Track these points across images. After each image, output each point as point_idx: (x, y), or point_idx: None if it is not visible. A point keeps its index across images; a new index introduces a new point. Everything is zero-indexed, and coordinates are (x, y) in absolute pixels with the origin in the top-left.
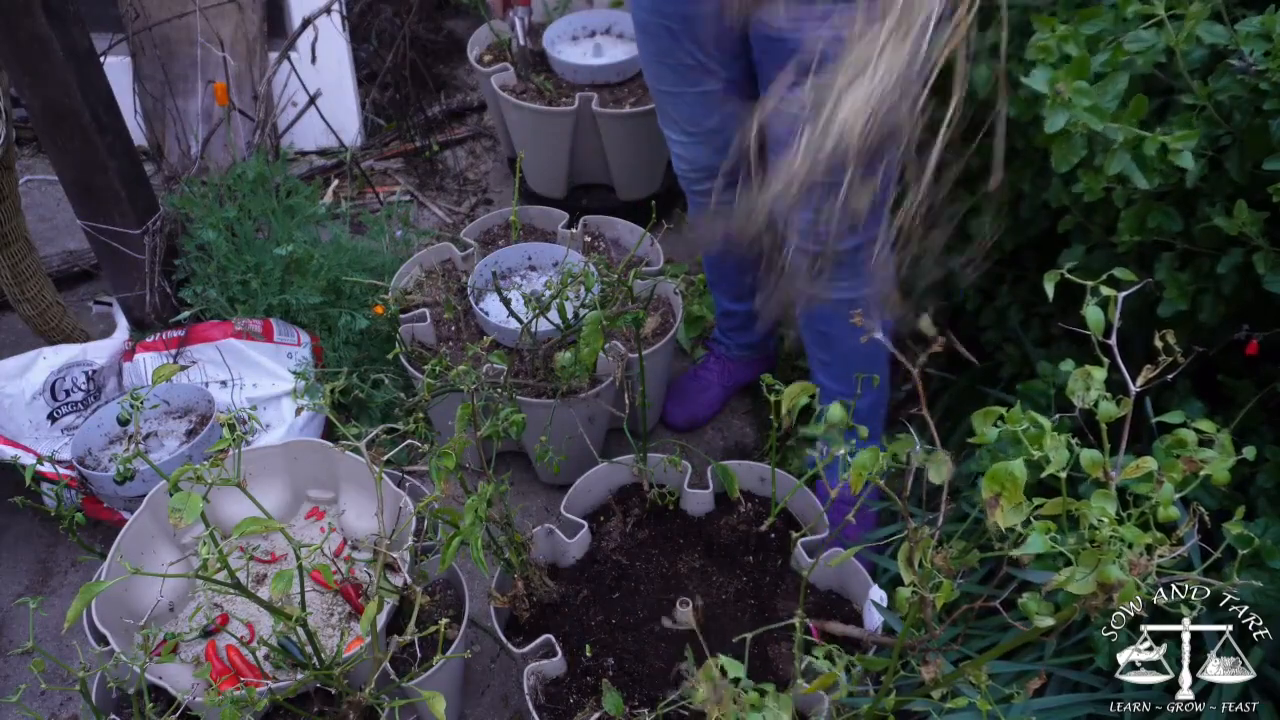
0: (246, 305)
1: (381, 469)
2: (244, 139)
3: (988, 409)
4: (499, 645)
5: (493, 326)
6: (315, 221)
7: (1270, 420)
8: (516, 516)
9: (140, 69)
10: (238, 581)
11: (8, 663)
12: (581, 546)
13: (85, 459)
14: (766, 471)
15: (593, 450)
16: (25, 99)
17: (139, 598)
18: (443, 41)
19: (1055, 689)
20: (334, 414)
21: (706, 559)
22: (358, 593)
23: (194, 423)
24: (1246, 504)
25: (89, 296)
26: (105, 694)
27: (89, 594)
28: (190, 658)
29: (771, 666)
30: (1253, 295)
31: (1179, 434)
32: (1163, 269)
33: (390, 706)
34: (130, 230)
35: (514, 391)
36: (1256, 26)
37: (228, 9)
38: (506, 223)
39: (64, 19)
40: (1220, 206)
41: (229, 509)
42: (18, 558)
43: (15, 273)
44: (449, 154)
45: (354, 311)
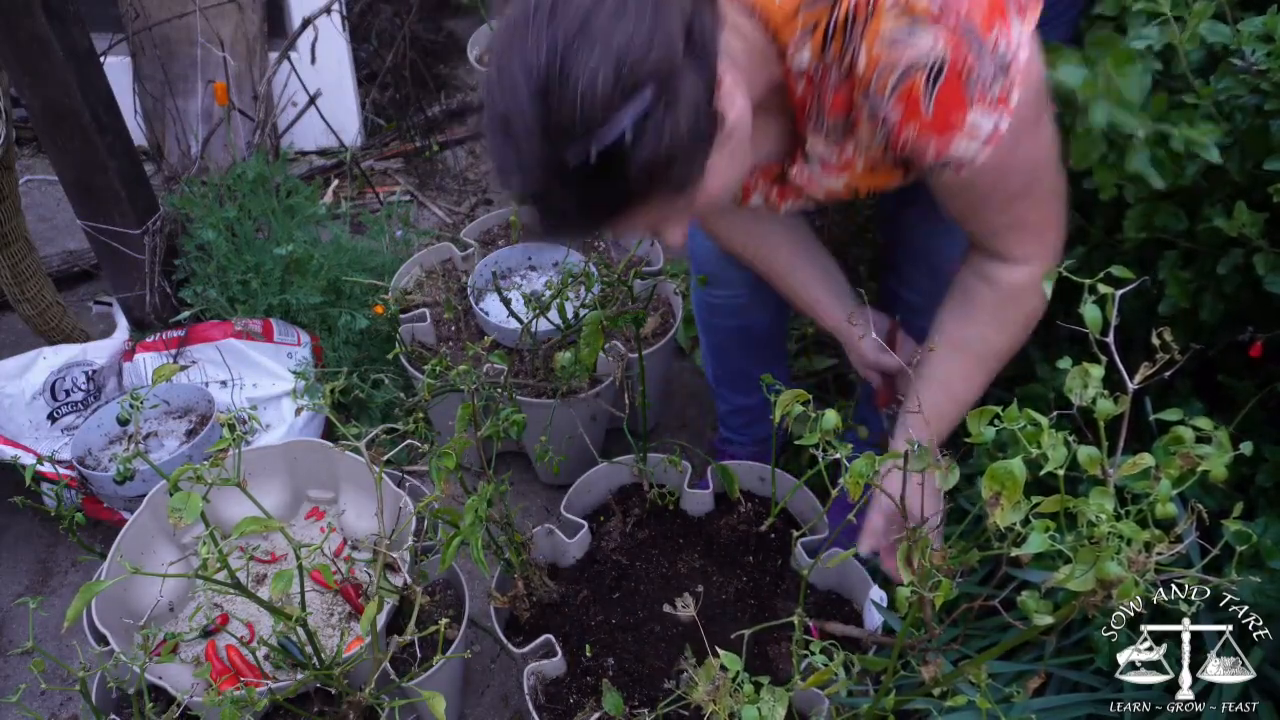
0: (246, 305)
1: (381, 469)
2: (244, 139)
3: (983, 409)
4: (499, 645)
5: (493, 326)
6: (315, 221)
7: (1270, 420)
8: (516, 516)
9: (140, 69)
10: (238, 581)
11: (8, 663)
12: (581, 546)
13: (85, 459)
14: (766, 471)
15: (593, 450)
16: (25, 99)
17: (139, 598)
18: (443, 41)
19: (1055, 689)
20: (334, 414)
21: (706, 559)
22: (358, 593)
23: (194, 423)
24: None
25: (89, 296)
26: (105, 694)
27: (89, 594)
28: (190, 658)
29: (771, 666)
30: (1253, 295)
31: (1176, 431)
32: (1165, 267)
33: (390, 706)
34: (130, 230)
35: (514, 391)
36: (1258, 27)
37: (228, 9)
38: (506, 223)
39: (64, 19)
40: (1220, 207)
41: (229, 509)
42: (18, 558)
43: (15, 273)
44: (449, 154)
45: (354, 311)
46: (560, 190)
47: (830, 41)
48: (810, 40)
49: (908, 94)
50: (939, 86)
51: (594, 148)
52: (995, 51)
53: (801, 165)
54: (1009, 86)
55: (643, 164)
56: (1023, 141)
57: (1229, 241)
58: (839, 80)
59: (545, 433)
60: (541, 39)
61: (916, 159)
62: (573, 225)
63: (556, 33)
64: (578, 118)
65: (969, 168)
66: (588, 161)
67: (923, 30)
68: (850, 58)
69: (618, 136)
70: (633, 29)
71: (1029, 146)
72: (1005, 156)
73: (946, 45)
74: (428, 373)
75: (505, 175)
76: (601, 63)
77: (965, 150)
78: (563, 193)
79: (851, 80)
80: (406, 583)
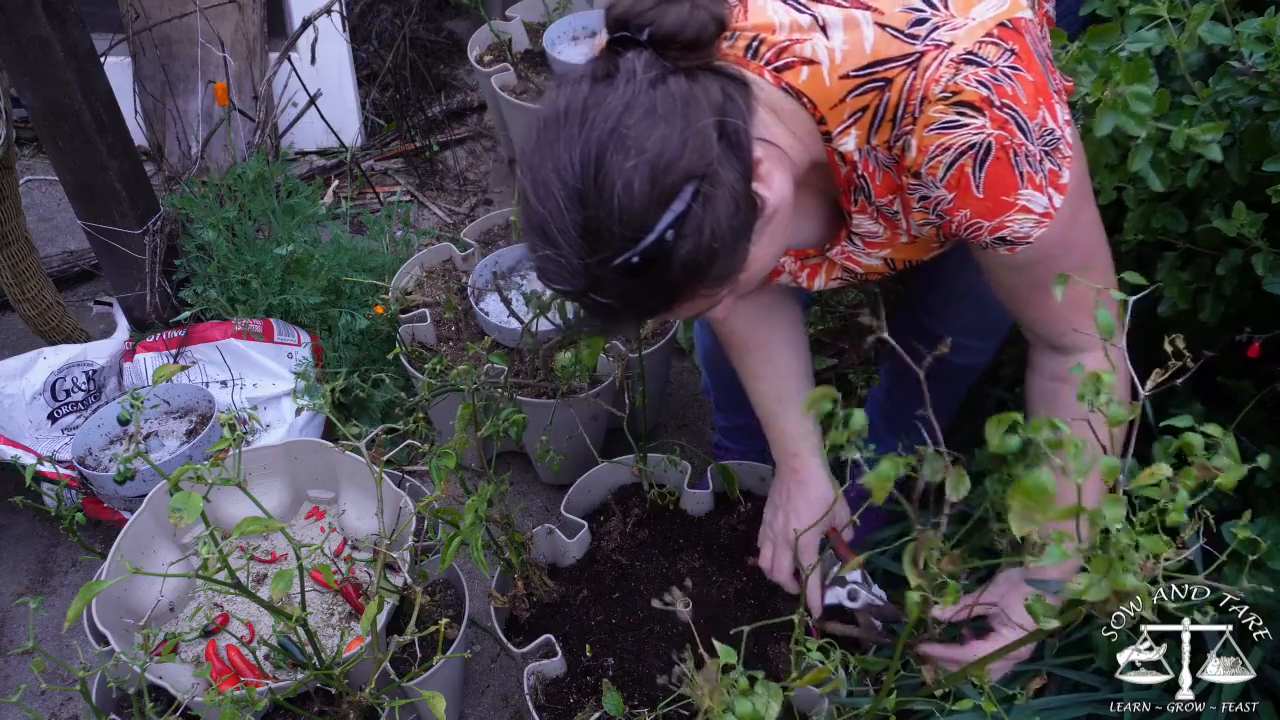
0: (246, 305)
1: (381, 469)
2: (244, 139)
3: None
4: (499, 645)
5: (493, 326)
6: (315, 221)
7: (1270, 420)
8: (516, 516)
9: (140, 69)
10: (238, 581)
11: (8, 663)
12: (581, 546)
13: (85, 459)
14: (767, 471)
15: (593, 450)
16: (25, 99)
17: (139, 598)
18: (443, 41)
19: (1055, 689)
20: (334, 414)
21: (706, 559)
22: (358, 593)
23: (194, 423)
24: (1246, 504)
25: (89, 296)
26: (105, 694)
27: (89, 594)
28: (190, 658)
29: (771, 666)
30: (1253, 296)
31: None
32: (1164, 269)
33: (390, 706)
34: (130, 230)
35: (514, 391)
36: (1257, 29)
37: (228, 9)
38: (506, 223)
39: (64, 19)
40: (1219, 208)
41: (229, 509)
42: (18, 558)
43: (15, 273)
44: (449, 154)
45: (354, 311)
46: (603, 292)
47: (878, 127)
48: (857, 125)
49: (959, 176)
50: (987, 166)
51: (635, 253)
52: (1043, 131)
53: (844, 243)
54: (1059, 165)
55: (684, 262)
56: (1078, 218)
57: (1228, 242)
58: (887, 163)
59: (545, 433)
60: (574, 146)
61: (972, 239)
62: (619, 322)
63: (590, 139)
64: (616, 224)
65: (1023, 246)
66: (629, 265)
67: (971, 115)
68: (900, 145)
69: (658, 239)
70: (665, 131)
71: (1083, 224)
72: (1061, 234)
73: (994, 126)
74: (428, 373)
75: (548, 279)
76: (637, 168)
77: (1019, 228)
78: (606, 294)
79: (900, 165)
80: (406, 583)
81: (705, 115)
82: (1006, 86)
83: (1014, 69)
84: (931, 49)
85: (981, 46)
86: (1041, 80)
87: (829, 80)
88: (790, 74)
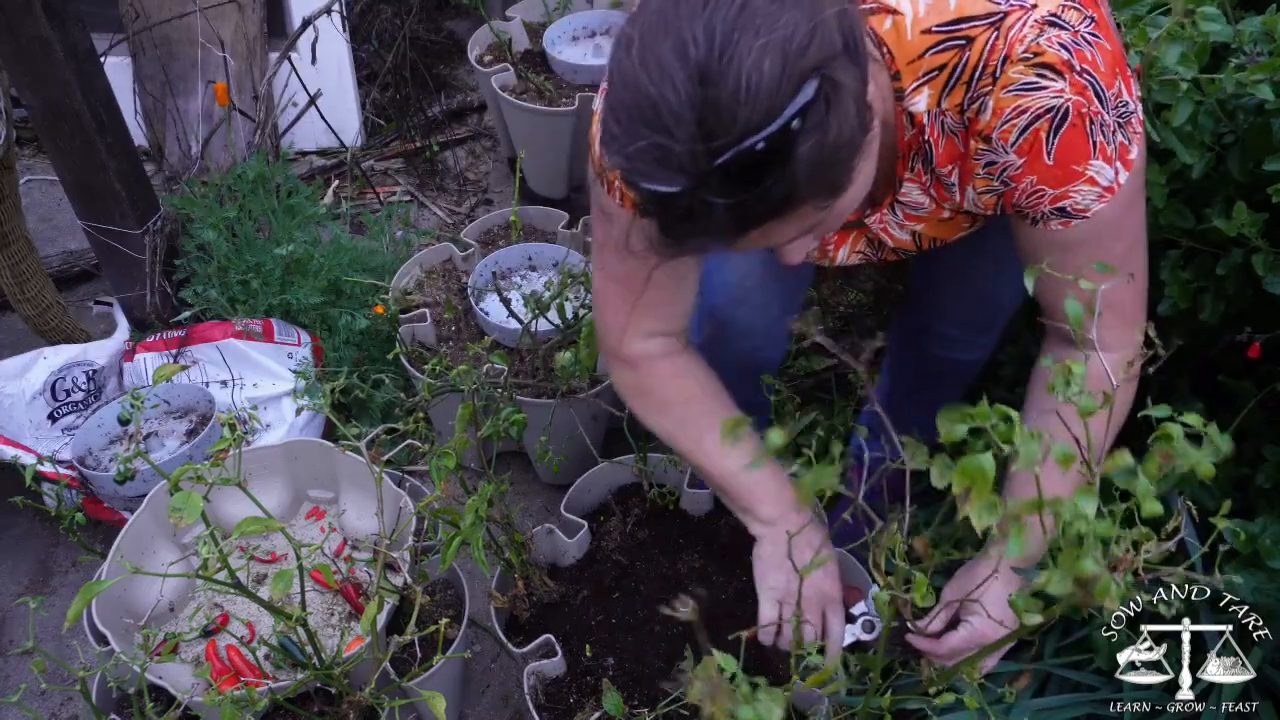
0: (247, 305)
1: (381, 469)
2: (244, 139)
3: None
4: (499, 645)
5: (493, 326)
6: (315, 221)
7: (1270, 420)
8: (516, 516)
9: (140, 69)
10: (238, 581)
11: (8, 663)
12: (581, 546)
13: (85, 459)
14: None
15: (593, 450)
16: (25, 99)
17: (139, 598)
18: (443, 41)
19: (1055, 689)
20: (334, 414)
21: (706, 559)
22: (358, 593)
23: (194, 423)
24: (1246, 504)
25: (89, 296)
26: (105, 694)
27: (89, 594)
28: (190, 658)
29: (770, 666)
30: (1253, 296)
31: (1165, 428)
32: (1167, 267)
33: (390, 706)
34: (130, 230)
35: (514, 391)
36: (1258, 27)
37: (228, 9)
38: (506, 223)
39: (64, 19)
40: (1220, 208)
41: (229, 509)
42: (18, 558)
43: (15, 273)
44: (449, 154)
45: (354, 311)
46: (711, 188)
47: (951, 89)
48: (930, 85)
49: (1032, 142)
50: (1062, 133)
51: (760, 138)
52: (1118, 102)
53: (885, 211)
54: (1129, 139)
55: (805, 160)
56: (1135, 203)
57: (1229, 241)
58: (955, 127)
59: (545, 433)
60: (698, 24)
61: (1031, 208)
62: (714, 231)
63: (715, 18)
64: (741, 106)
65: (1079, 220)
66: (749, 155)
67: (1052, 78)
68: (975, 107)
69: (784, 125)
70: (795, 15)
71: (1136, 213)
72: (1117, 215)
73: (1073, 92)
74: (428, 373)
75: (647, 175)
76: (767, 48)
77: (1081, 199)
78: (713, 190)
79: (971, 129)
80: (406, 583)
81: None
82: (1087, 52)
83: (1094, 35)
84: (1016, 9)
85: (1064, 10)
86: (1119, 50)
87: (910, 33)
88: (875, 19)
